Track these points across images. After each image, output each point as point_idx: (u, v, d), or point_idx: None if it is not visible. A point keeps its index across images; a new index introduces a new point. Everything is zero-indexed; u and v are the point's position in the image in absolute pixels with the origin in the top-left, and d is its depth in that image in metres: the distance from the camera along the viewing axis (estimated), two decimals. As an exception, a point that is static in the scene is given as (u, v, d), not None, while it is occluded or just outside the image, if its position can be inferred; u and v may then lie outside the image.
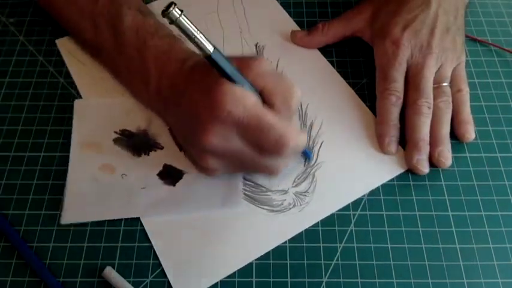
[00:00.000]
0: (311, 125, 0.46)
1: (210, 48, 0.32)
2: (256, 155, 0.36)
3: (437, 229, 0.40)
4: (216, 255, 0.39)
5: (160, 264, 0.38)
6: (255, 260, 0.39)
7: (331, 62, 0.50)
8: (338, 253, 0.39)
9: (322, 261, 0.39)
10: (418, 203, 0.41)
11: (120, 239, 0.40)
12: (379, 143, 0.44)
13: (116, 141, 0.44)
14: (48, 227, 0.40)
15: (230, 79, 0.34)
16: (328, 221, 0.40)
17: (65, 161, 0.43)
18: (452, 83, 0.46)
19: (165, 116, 0.43)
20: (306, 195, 0.42)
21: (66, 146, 0.44)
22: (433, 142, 0.43)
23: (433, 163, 0.43)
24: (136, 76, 0.43)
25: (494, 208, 0.41)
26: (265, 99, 0.35)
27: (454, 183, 0.43)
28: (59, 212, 0.40)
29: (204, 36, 0.32)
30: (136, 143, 0.44)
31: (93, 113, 0.46)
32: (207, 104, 0.34)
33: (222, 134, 0.34)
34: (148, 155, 0.43)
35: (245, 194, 0.42)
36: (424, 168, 0.42)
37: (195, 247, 0.39)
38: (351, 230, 0.40)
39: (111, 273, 0.37)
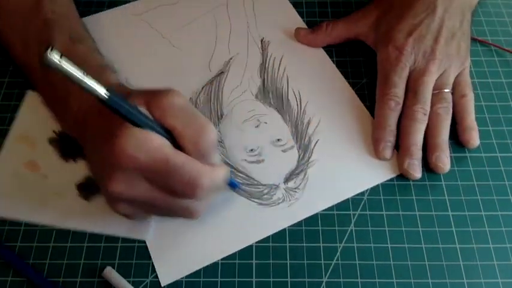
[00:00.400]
0: (308, 123, 0.46)
1: (102, 92, 0.28)
2: (169, 198, 0.34)
3: (437, 229, 0.40)
4: (198, 244, 0.39)
5: (160, 264, 0.38)
6: (255, 259, 0.39)
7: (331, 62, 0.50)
8: (338, 253, 0.39)
9: (322, 261, 0.39)
10: (418, 203, 0.41)
11: (120, 239, 0.40)
12: (374, 147, 0.44)
13: (51, 141, 0.44)
14: (48, 227, 0.40)
15: (133, 122, 0.31)
16: (328, 220, 0.40)
17: (65, 161, 0.43)
18: (456, 89, 0.46)
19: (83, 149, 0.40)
20: (296, 192, 0.42)
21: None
22: (431, 148, 0.43)
23: (431, 168, 0.43)
24: (58, 104, 0.41)
25: (494, 208, 0.41)
26: (176, 140, 0.33)
27: (454, 183, 0.43)
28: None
29: (92, 79, 0.28)
30: (67, 147, 0.43)
31: (41, 108, 0.45)
32: (108, 149, 0.31)
33: (126, 181, 0.32)
34: (75, 161, 0.42)
35: None
36: (416, 172, 0.42)
37: (179, 234, 0.39)
38: (351, 230, 0.40)
39: (111, 273, 0.37)
